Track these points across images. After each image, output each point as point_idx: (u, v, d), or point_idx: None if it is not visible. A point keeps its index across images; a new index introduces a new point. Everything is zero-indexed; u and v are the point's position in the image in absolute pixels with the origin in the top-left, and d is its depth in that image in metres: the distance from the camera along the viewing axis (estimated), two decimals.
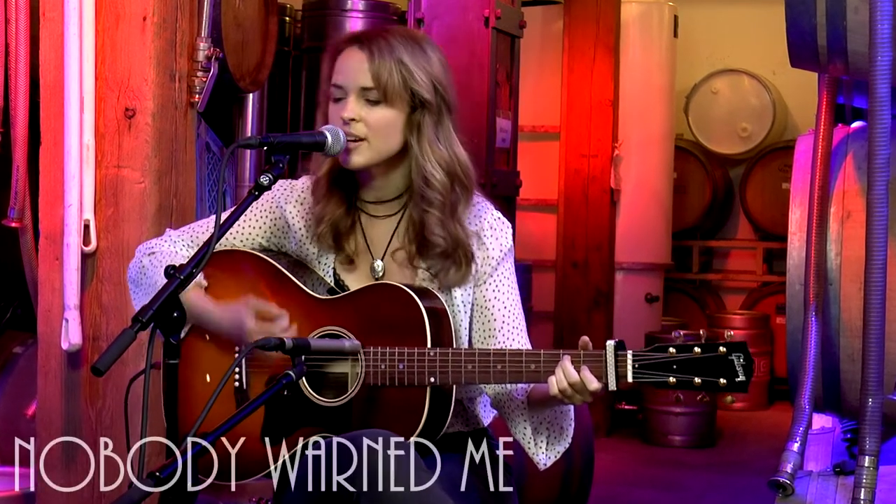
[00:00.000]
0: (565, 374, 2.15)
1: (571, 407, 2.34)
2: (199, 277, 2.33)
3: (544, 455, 2.35)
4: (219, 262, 2.25)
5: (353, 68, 2.29)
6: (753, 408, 7.43)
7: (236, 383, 2.35)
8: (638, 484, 5.57)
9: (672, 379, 2.12)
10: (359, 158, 2.30)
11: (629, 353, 2.14)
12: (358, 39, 2.32)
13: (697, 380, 2.12)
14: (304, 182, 2.44)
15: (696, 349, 2.12)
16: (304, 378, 2.20)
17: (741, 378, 2.11)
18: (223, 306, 2.29)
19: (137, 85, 3.09)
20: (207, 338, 2.36)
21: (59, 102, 3.10)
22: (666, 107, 7.00)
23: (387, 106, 2.30)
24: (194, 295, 2.28)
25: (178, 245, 2.43)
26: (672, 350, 2.13)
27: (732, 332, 2.17)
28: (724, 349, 2.12)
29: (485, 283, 2.37)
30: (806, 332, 2.89)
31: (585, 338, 2.20)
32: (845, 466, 2.81)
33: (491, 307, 2.37)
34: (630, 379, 2.14)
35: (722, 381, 2.12)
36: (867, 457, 2.58)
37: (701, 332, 2.17)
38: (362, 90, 2.29)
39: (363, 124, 2.29)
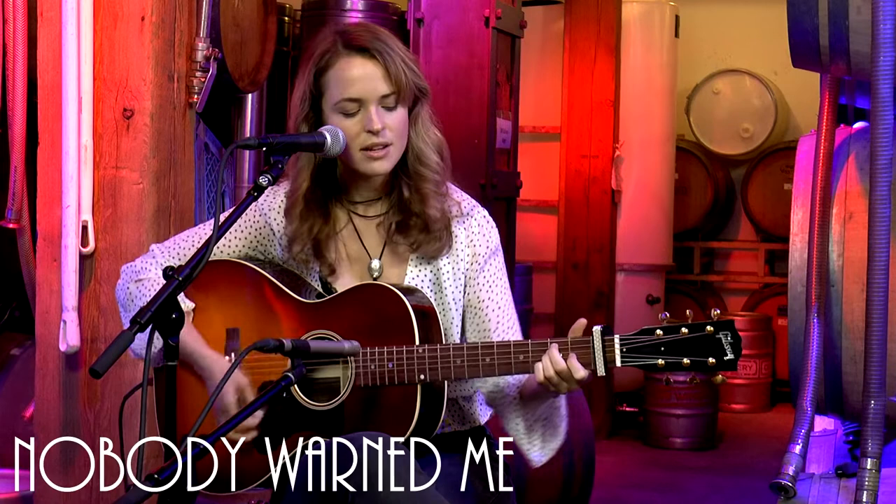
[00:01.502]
0: (552, 362, 2.15)
1: (564, 403, 2.35)
2: (187, 303, 2.31)
3: (538, 453, 2.35)
4: (204, 274, 2.22)
5: (369, 78, 2.27)
6: (755, 410, 7.42)
7: None
8: (639, 486, 5.56)
9: (661, 361, 2.12)
10: (387, 164, 2.30)
11: (616, 338, 2.14)
12: (360, 49, 2.28)
13: (686, 360, 2.12)
14: (285, 188, 2.40)
15: (684, 329, 2.12)
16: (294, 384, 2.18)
17: (729, 356, 2.11)
18: (212, 357, 2.26)
19: (136, 85, 3.08)
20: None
21: (57, 103, 3.08)
22: (667, 107, 6.98)
23: (401, 107, 2.30)
24: (183, 332, 2.19)
25: None
26: (659, 332, 2.12)
27: (719, 311, 2.15)
28: (712, 328, 2.11)
29: (476, 281, 2.36)
30: (808, 333, 2.88)
31: (582, 320, 2.20)
32: (847, 469, 2.81)
33: (484, 307, 2.36)
34: (619, 363, 2.14)
35: (711, 360, 2.11)
36: (869, 459, 2.58)
37: (688, 311, 2.15)
38: (381, 98, 2.27)
39: (388, 130, 2.28)
